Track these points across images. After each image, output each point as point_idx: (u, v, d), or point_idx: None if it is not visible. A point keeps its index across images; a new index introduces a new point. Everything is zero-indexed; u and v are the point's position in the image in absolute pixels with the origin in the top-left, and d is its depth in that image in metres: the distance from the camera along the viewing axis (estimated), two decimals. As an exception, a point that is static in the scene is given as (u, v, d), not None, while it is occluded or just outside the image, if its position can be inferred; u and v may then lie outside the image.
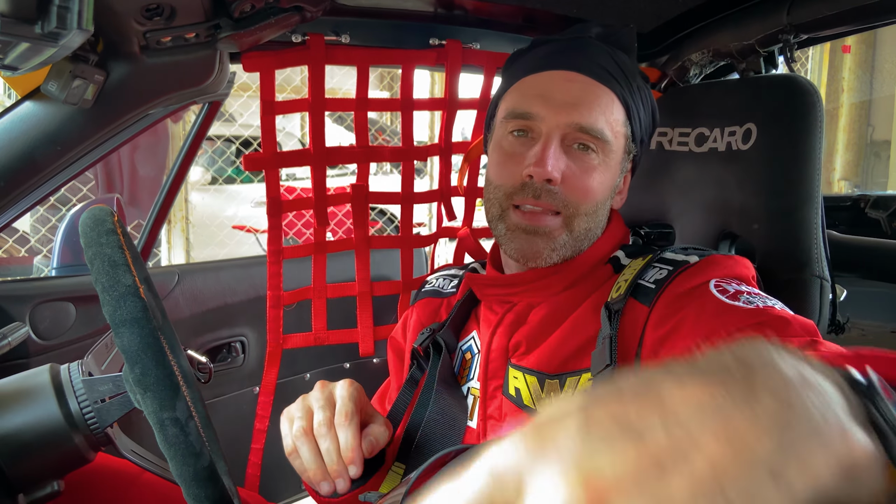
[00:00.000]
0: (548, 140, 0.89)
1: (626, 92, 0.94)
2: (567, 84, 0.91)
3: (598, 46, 0.95)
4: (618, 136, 0.93)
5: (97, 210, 0.72)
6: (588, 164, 0.91)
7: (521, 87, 0.95)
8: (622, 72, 0.94)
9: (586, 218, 0.92)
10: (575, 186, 0.90)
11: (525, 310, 0.95)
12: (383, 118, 7.58)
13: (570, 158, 0.91)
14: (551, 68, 0.93)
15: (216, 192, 5.53)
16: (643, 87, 0.98)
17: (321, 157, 1.41)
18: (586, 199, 0.91)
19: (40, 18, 0.60)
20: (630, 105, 0.94)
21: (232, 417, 1.85)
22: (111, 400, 0.76)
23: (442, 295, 1.12)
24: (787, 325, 0.72)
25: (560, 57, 0.94)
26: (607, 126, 0.91)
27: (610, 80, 0.92)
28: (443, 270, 1.21)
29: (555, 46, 0.96)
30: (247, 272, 1.89)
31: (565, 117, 0.89)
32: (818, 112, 1.06)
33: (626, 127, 0.95)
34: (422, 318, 1.10)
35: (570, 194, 0.90)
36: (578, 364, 0.87)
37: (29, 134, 1.01)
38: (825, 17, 1.09)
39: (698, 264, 0.85)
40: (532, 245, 0.91)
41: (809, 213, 1.05)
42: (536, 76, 0.94)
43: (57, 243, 1.77)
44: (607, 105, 0.92)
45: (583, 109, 0.89)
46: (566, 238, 0.92)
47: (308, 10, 1.07)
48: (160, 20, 0.95)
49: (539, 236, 0.91)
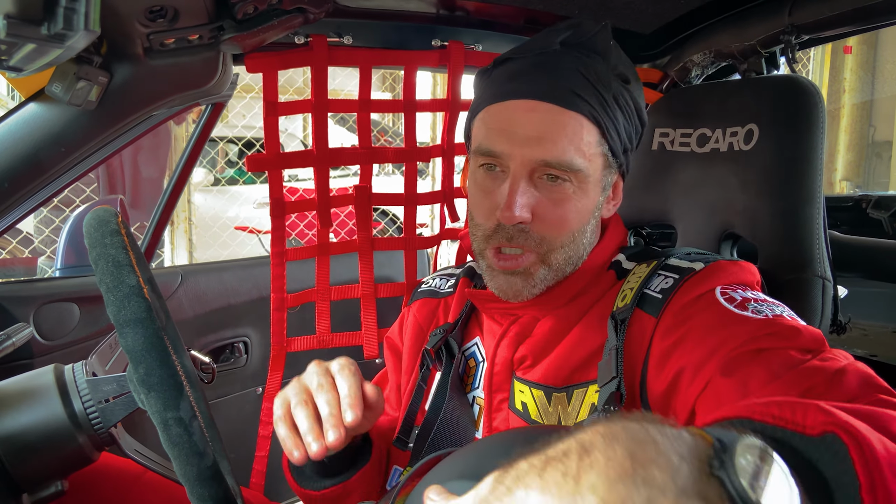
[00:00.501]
0: (514, 179, 0.85)
1: (599, 109, 0.86)
2: (529, 115, 0.85)
3: (565, 59, 0.87)
4: (592, 159, 0.87)
5: (101, 211, 0.73)
6: (560, 195, 0.87)
7: (486, 118, 0.90)
8: (592, 87, 0.86)
9: (564, 249, 0.89)
10: (548, 221, 0.87)
11: (530, 322, 0.94)
12: (385, 119, 7.60)
13: (541, 192, 0.86)
14: (513, 97, 0.87)
15: (219, 192, 5.55)
16: (622, 94, 0.89)
17: (324, 158, 1.42)
18: (561, 232, 0.88)
19: (46, 19, 0.60)
20: (603, 123, 0.87)
21: (235, 417, 1.86)
22: (115, 400, 0.76)
23: (439, 295, 1.11)
24: (796, 334, 0.71)
25: (522, 82, 0.87)
26: (577, 154, 0.85)
27: (577, 102, 0.85)
28: (437, 271, 1.20)
29: (518, 66, 0.89)
30: (250, 273, 1.89)
31: (529, 153, 0.84)
32: (820, 112, 1.06)
33: (602, 146, 0.89)
34: (419, 319, 1.10)
35: (543, 230, 0.87)
36: (585, 376, 0.86)
37: (33, 135, 1.02)
38: (826, 18, 1.10)
39: (703, 271, 0.84)
40: (511, 285, 0.90)
41: (811, 213, 1.05)
42: (499, 107, 0.88)
43: (61, 244, 1.77)
44: (575, 131, 0.85)
45: (547, 143, 0.84)
46: (545, 272, 0.89)
47: (311, 11, 1.08)
48: (164, 22, 0.95)
49: (516, 276, 0.89)
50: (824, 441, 0.37)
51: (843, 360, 0.66)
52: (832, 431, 0.38)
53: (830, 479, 0.36)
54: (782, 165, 1.07)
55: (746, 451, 0.35)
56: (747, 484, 0.33)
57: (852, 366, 0.65)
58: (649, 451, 0.34)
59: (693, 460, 0.34)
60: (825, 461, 0.37)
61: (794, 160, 1.07)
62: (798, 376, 0.65)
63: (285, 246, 1.47)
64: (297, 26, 1.10)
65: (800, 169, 1.06)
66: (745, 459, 0.34)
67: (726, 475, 0.34)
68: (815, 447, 0.38)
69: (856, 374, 0.63)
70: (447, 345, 1.00)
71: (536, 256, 0.88)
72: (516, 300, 0.91)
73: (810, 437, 0.38)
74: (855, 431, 0.37)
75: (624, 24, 1.38)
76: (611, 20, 1.35)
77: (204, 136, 1.75)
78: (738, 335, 0.73)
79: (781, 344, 0.70)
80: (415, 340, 1.08)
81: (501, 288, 0.91)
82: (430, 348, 1.01)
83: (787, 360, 0.68)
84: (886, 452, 0.37)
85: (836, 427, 0.38)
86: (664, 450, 0.34)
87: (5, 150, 1.01)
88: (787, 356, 0.68)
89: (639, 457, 0.34)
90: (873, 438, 0.37)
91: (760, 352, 0.70)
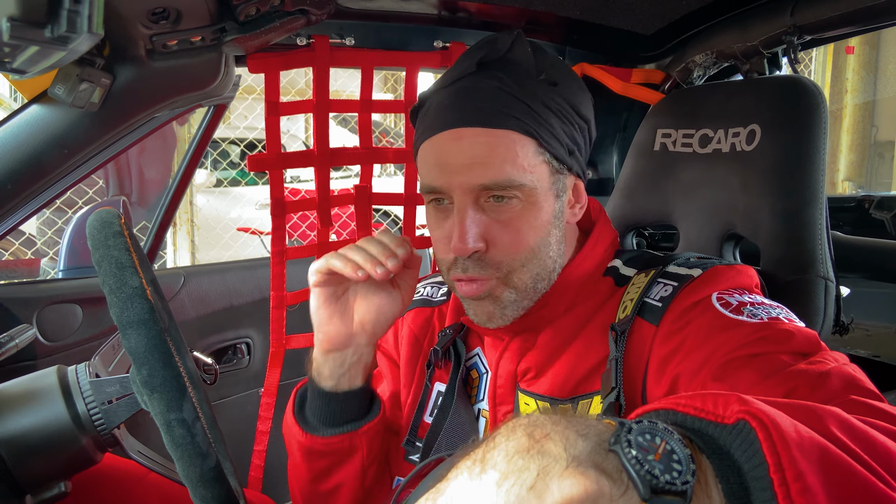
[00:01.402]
0: (460, 210, 0.84)
1: (528, 120, 0.84)
2: (457, 144, 0.84)
3: (484, 79, 0.85)
4: (535, 170, 0.85)
5: (104, 212, 0.73)
6: (509, 214, 0.85)
7: (423, 155, 0.89)
8: (516, 99, 0.84)
9: (526, 268, 0.87)
10: (502, 244, 0.85)
11: (532, 334, 0.93)
12: (387, 120, 7.59)
13: (489, 215, 0.85)
14: (440, 129, 0.85)
15: (221, 194, 5.55)
16: (551, 98, 0.86)
17: (325, 158, 1.42)
18: (518, 251, 0.86)
19: (50, 22, 0.60)
20: (535, 132, 0.84)
21: (238, 418, 1.86)
22: (118, 401, 0.77)
23: (432, 304, 1.10)
24: (789, 337, 0.71)
25: (446, 113, 0.86)
26: (516, 170, 0.83)
27: (503, 118, 0.83)
28: (428, 278, 1.18)
29: (441, 97, 0.88)
30: (252, 274, 1.90)
31: (466, 181, 0.83)
32: (822, 113, 1.06)
33: (542, 155, 0.86)
34: (414, 329, 1.08)
35: (499, 255, 0.86)
36: (590, 387, 0.87)
37: (36, 137, 1.02)
38: (829, 19, 1.09)
39: (701, 278, 0.84)
40: (483, 309, 0.89)
41: (814, 214, 1.05)
42: (431, 142, 0.87)
43: (64, 246, 1.78)
44: (508, 148, 0.83)
45: (480, 168, 0.82)
46: (510, 295, 0.88)
47: (313, 13, 1.08)
48: (166, 24, 0.95)
49: (484, 301, 0.88)
50: (736, 428, 0.40)
51: (831, 362, 0.67)
52: (744, 419, 0.39)
53: (742, 463, 0.39)
54: (785, 166, 1.07)
55: (645, 432, 0.38)
56: (641, 456, 0.36)
57: (838, 368, 0.65)
58: (546, 430, 0.38)
59: (592, 437, 0.38)
60: (736, 446, 0.39)
61: (796, 161, 1.06)
62: (783, 379, 0.66)
63: (286, 245, 1.47)
64: (300, 27, 1.10)
65: (802, 169, 1.06)
66: (642, 438, 0.37)
67: (620, 449, 0.37)
68: (729, 434, 0.40)
69: (839, 376, 0.64)
70: (454, 346, 1.00)
71: (497, 280, 0.87)
72: (493, 325, 0.90)
73: (725, 425, 0.40)
74: (764, 416, 0.39)
75: (626, 25, 1.38)
76: (613, 21, 1.36)
77: (206, 137, 1.75)
78: (731, 340, 0.73)
79: (773, 348, 0.70)
80: (411, 351, 1.07)
81: (477, 314, 0.90)
82: (440, 349, 1.00)
83: (776, 364, 0.68)
84: (798, 435, 0.39)
85: (748, 414, 0.39)
86: (561, 429, 0.38)
87: (8, 151, 1.01)
88: (777, 360, 0.69)
89: (535, 435, 0.38)
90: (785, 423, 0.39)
91: (753, 357, 0.71)
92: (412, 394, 1.04)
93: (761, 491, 0.37)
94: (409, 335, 1.08)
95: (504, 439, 0.38)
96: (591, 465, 0.36)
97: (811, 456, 0.38)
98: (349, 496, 0.96)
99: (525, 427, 0.39)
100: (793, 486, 0.36)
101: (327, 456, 0.94)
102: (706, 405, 0.42)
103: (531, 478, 0.36)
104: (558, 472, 0.36)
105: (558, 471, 0.36)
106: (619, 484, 0.36)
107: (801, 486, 0.36)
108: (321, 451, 0.93)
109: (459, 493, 0.37)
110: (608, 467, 0.37)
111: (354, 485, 0.96)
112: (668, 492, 0.36)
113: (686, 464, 0.37)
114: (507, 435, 0.39)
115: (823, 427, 0.42)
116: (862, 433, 0.43)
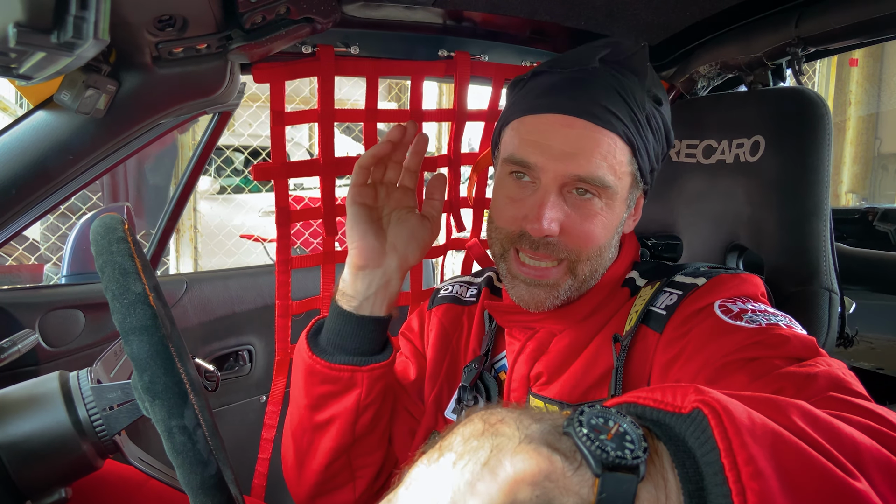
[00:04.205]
0: (545, 192, 0.87)
1: (632, 129, 0.88)
2: (565, 131, 0.86)
3: (603, 78, 0.88)
4: (622, 177, 0.89)
5: (108, 218, 0.73)
6: (589, 210, 0.88)
7: (520, 128, 0.91)
8: (627, 106, 0.87)
9: (590, 262, 0.90)
10: (575, 235, 0.88)
11: (546, 337, 0.95)
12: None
13: (569, 206, 0.88)
14: (550, 111, 0.88)
15: (224, 201, 5.56)
16: (654, 114, 0.91)
17: (330, 166, 1.42)
18: (588, 245, 0.89)
19: (56, 28, 0.60)
20: (635, 143, 0.88)
21: (239, 426, 1.85)
22: (119, 407, 0.77)
23: (463, 302, 1.12)
24: (784, 342, 0.72)
25: (559, 97, 0.88)
26: (609, 171, 0.86)
27: (613, 121, 0.86)
28: (455, 279, 1.21)
29: (555, 80, 0.90)
30: (255, 281, 1.90)
31: (563, 168, 0.85)
32: (826, 124, 1.06)
33: (632, 165, 0.90)
34: (444, 324, 1.10)
35: (570, 242, 0.88)
36: (599, 394, 0.88)
37: (41, 143, 1.02)
38: (833, 31, 1.10)
39: (705, 286, 0.85)
40: (534, 295, 0.91)
41: (818, 225, 1.05)
42: (535, 119, 0.89)
43: (67, 251, 1.78)
44: (609, 149, 0.86)
45: (581, 159, 0.85)
46: (570, 283, 0.91)
47: (318, 21, 1.08)
48: (172, 31, 0.96)
49: (540, 287, 0.90)
50: (690, 416, 0.41)
51: (822, 366, 0.67)
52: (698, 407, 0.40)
53: (695, 449, 0.39)
54: (789, 177, 1.07)
55: (598, 415, 0.40)
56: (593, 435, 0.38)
57: (827, 371, 0.66)
58: (500, 416, 0.40)
59: (546, 421, 0.40)
60: (690, 433, 0.40)
61: (800, 172, 1.06)
62: (771, 381, 0.67)
63: (291, 254, 1.47)
64: (305, 36, 1.10)
65: (806, 181, 1.06)
66: (595, 420, 0.39)
67: (573, 429, 0.38)
68: (684, 422, 0.41)
69: (827, 378, 0.64)
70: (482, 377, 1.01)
71: (565, 268, 0.90)
72: (537, 310, 0.93)
73: (681, 414, 0.41)
74: (716, 404, 0.40)
75: (630, 36, 1.38)
76: (617, 31, 1.36)
77: (210, 144, 1.75)
78: (728, 345, 0.74)
79: (767, 353, 0.71)
80: (439, 343, 1.09)
81: (522, 298, 0.92)
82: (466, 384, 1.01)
83: (767, 367, 0.69)
84: (751, 422, 0.39)
85: (702, 403, 0.40)
86: (516, 415, 0.40)
87: (14, 157, 1.01)
88: (769, 364, 0.70)
89: (490, 420, 0.40)
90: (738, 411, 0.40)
91: (747, 361, 0.71)
92: (436, 389, 1.05)
93: (713, 475, 0.38)
94: (437, 326, 1.10)
95: (461, 427, 0.41)
96: (544, 444, 0.38)
97: (763, 441, 0.38)
98: (337, 435, 0.96)
99: (481, 415, 0.41)
100: (743, 469, 0.37)
101: (327, 382, 0.94)
102: (665, 397, 0.43)
103: (485, 455, 0.37)
104: (511, 449, 0.37)
105: (511, 448, 0.37)
106: (572, 461, 0.37)
107: (751, 471, 0.37)
108: (322, 374, 0.94)
109: (419, 479, 0.39)
110: (561, 446, 0.38)
111: (345, 424, 0.95)
112: (619, 467, 0.37)
113: (638, 442, 0.38)
114: (464, 423, 0.41)
115: (784, 417, 0.42)
116: (826, 423, 0.44)
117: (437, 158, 1.57)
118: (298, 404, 0.99)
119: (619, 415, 0.40)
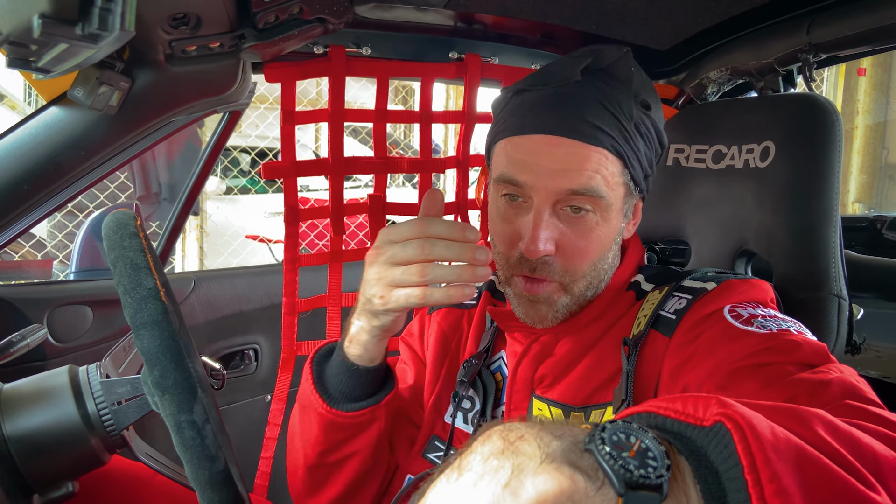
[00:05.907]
0: (538, 212, 0.86)
1: (620, 140, 0.86)
2: (553, 150, 0.85)
3: (587, 91, 0.86)
4: (615, 188, 0.87)
5: (120, 214, 0.73)
6: (584, 226, 0.87)
7: (508, 148, 0.89)
8: (615, 119, 0.86)
9: (585, 279, 0.90)
10: (571, 253, 0.88)
11: (551, 341, 0.95)
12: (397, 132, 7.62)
13: (564, 223, 0.87)
14: (536, 132, 0.87)
15: (231, 201, 5.57)
16: (643, 121, 0.89)
17: (339, 166, 1.42)
18: (584, 262, 0.89)
19: (81, 20, 0.60)
20: (625, 154, 0.87)
21: (243, 425, 1.86)
22: (128, 402, 0.77)
23: (463, 306, 1.12)
24: (795, 348, 0.71)
25: (545, 116, 0.86)
26: (602, 182, 0.85)
27: (600, 136, 0.85)
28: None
29: (538, 98, 0.88)
30: (262, 280, 1.90)
31: (554, 184, 0.84)
32: (837, 131, 1.06)
33: (624, 176, 0.89)
34: (444, 327, 1.10)
35: (566, 262, 0.88)
36: (603, 398, 0.87)
37: (54, 138, 1.03)
38: (845, 37, 1.09)
39: (714, 291, 0.85)
40: (535, 311, 0.91)
41: (828, 232, 1.05)
42: (522, 139, 0.88)
43: (76, 247, 1.79)
44: (599, 163, 0.85)
45: (572, 174, 0.84)
46: (566, 300, 0.91)
47: (331, 22, 1.09)
48: (186, 29, 0.96)
49: (540, 303, 0.90)
50: (713, 430, 0.40)
51: (835, 372, 0.66)
52: (720, 421, 0.40)
53: (718, 464, 0.39)
54: (799, 183, 1.07)
55: (619, 431, 0.39)
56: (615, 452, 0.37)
57: (839, 378, 0.65)
58: (520, 432, 0.39)
59: (567, 438, 0.39)
60: (713, 448, 0.39)
61: (810, 178, 1.06)
62: (783, 388, 0.66)
63: (298, 252, 1.47)
64: (317, 36, 1.10)
65: (816, 187, 1.06)
66: (616, 437, 0.38)
67: (595, 447, 0.37)
68: (706, 436, 0.40)
69: (840, 385, 0.64)
70: (480, 374, 1.01)
71: (559, 285, 0.89)
72: (541, 326, 0.93)
73: (703, 427, 0.41)
74: (740, 418, 0.39)
75: (641, 41, 1.39)
76: (628, 36, 1.36)
77: (220, 144, 1.76)
78: (738, 350, 0.74)
79: (779, 359, 0.71)
80: (439, 349, 1.08)
81: (527, 314, 0.93)
82: (465, 379, 1.01)
83: (779, 373, 0.69)
84: (774, 437, 0.39)
85: (724, 417, 0.40)
86: (536, 431, 0.39)
87: (26, 152, 1.02)
88: (781, 370, 0.69)
89: (510, 437, 0.39)
90: (762, 425, 0.39)
91: (758, 367, 0.71)
92: (435, 393, 1.05)
93: (736, 492, 0.37)
94: (437, 332, 1.10)
95: (479, 444, 0.40)
96: (566, 462, 0.37)
97: (787, 457, 0.38)
98: (358, 466, 0.96)
99: (500, 432, 0.40)
100: (767, 487, 0.36)
101: (349, 429, 0.93)
102: (686, 408, 0.42)
103: (506, 476, 0.36)
104: (532, 469, 0.36)
105: (532, 468, 0.36)
106: (594, 480, 0.36)
107: (776, 488, 0.36)
108: (343, 424, 0.93)
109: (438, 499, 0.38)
110: (583, 464, 0.37)
111: (367, 456, 0.95)
112: (643, 486, 0.36)
113: (661, 460, 0.37)
114: (482, 440, 0.40)
115: (807, 429, 0.42)
116: (847, 434, 0.43)
117: (446, 160, 1.57)
118: (313, 449, 0.97)
119: (641, 430, 0.39)
